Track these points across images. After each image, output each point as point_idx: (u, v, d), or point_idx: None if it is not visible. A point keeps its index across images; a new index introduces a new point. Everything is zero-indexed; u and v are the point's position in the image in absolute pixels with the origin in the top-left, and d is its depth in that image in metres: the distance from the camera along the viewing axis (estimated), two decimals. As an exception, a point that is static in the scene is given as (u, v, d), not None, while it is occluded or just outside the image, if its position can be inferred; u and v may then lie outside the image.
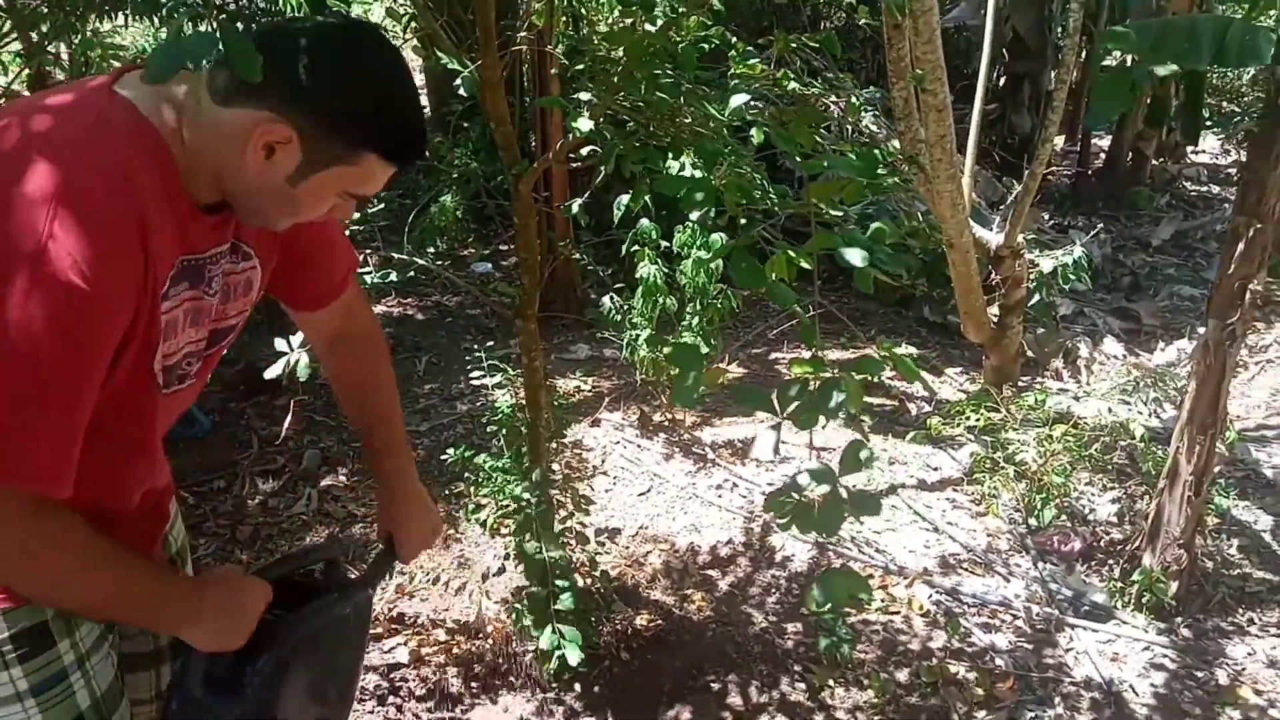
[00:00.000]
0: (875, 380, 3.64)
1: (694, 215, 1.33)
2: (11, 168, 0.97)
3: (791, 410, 1.15)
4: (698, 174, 1.63)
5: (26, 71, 4.10)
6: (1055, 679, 2.33)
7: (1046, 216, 6.14)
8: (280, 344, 2.38)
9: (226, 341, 1.28)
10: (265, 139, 1.04)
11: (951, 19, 6.16)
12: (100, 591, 1.13)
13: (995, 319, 3.71)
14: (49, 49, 3.99)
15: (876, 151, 1.31)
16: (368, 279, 2.89)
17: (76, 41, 3.88)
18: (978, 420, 3.27)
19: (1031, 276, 3.92)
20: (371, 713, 2.23)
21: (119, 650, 1.29)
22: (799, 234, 1.63)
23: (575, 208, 2.25)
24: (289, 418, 2.96)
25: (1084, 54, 6.46)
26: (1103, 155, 7.22)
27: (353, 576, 1.43)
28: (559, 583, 2.19)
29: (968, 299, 3.51)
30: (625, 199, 3.06)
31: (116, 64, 3.86)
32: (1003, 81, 6.89)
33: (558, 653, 2.16)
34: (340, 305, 1.42)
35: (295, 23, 1.11)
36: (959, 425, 3.31)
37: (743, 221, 1.31)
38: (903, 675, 2.31)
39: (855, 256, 1.17)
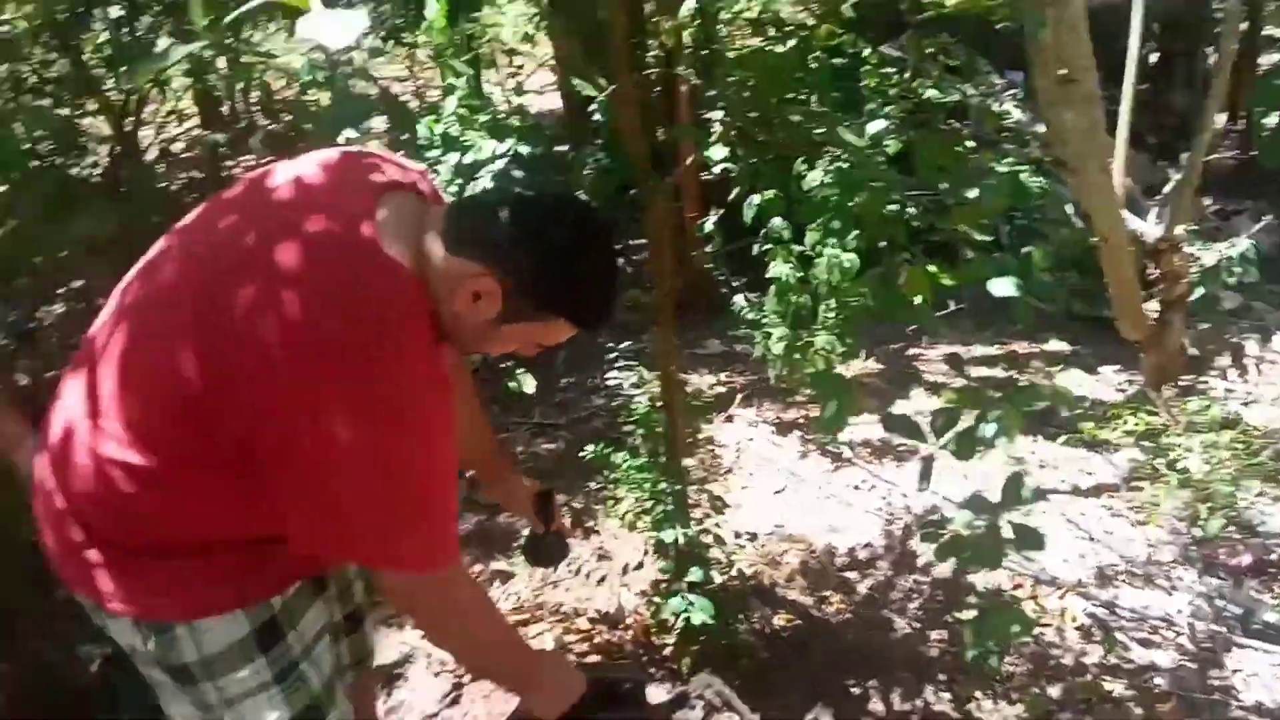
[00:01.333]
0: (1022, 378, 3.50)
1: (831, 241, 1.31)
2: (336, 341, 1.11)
3: (946, 440, 1.12)
4: (833, 190, 1.61)
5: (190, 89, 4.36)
6: (1222, 702, 2.20)
7: (1208, 203, 5.74)
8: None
9: None
10: (474, 288, 1.18)
11: (1098, -2, 5.82)
12: (499, 637, 1.42)
13: (1154, 315, 3.50)
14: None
15: (1022, 173, 1.26)
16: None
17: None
18: (1137, 424, 3.10)
19: (1193, 270, 3.68)
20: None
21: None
22: (936, 243, 1.58)
23: (710, 225, 2.25)
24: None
25: (1247, 24, 5.99)
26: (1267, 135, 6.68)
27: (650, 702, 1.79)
28: (695, 568, 2.22)
29: (1123, 295, 3.31)
30: (757, 199, 3.05)
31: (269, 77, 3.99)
32: (1155, 60, 6.47)
33: (683, 615, 2.19)
34: None
35: (525, 194, 1.27)
36: (1115, 429, 3.15)
37: (882, 244, 1.29)
38: (1055, 691, 2.23)
39: (1007, 287, 1.13)
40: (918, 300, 1.30)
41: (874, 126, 1.40)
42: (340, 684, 1.46)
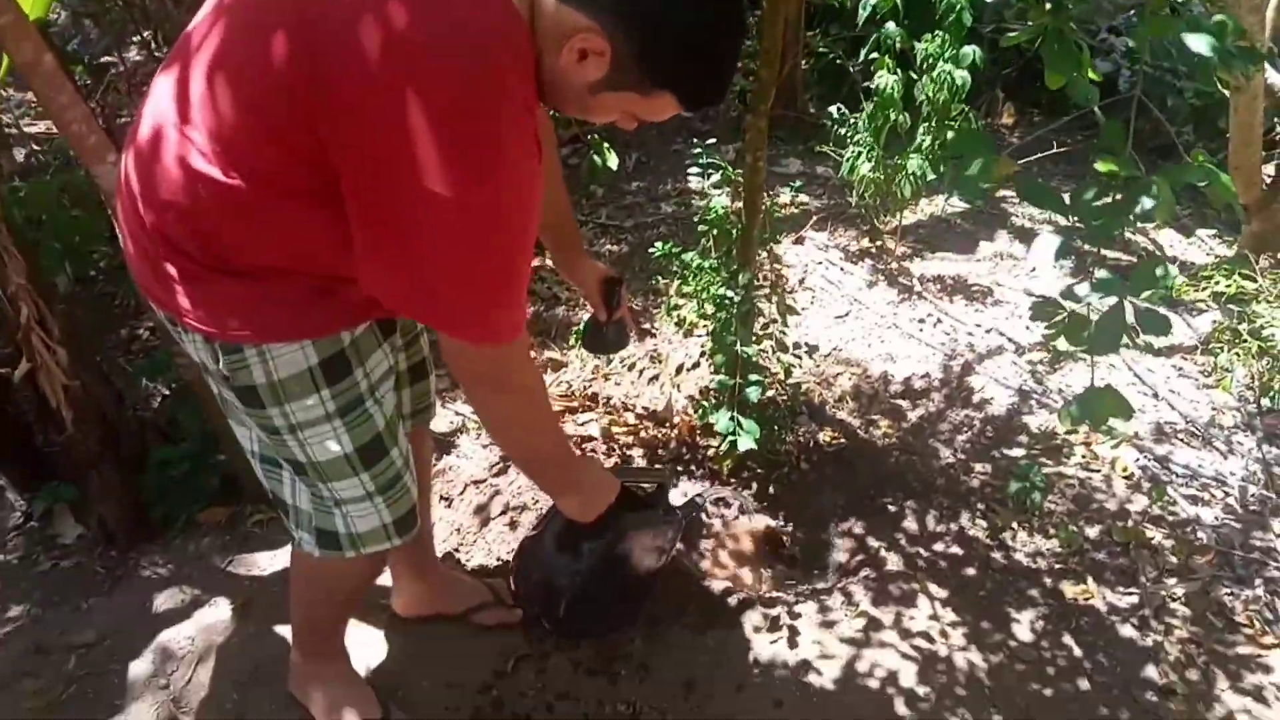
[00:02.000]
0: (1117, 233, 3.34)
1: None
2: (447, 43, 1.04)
3: (1093, 214, 1.05)
4: None
5: None
6: (1261, 561, 2.19)
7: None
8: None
9: None
10: (582, 45, 1.10)
11: None
12: (550, 434, 1.45)
13: (1268, 179, 3.28)
14: None
15: None
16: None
17: None
18: (1227, 287, 2.96)
19: (1323, 135, 3.41)
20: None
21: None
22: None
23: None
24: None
25: None
26: None
27: (673, 504, 1.88)
28: (751, 376, 2.22)
29: (1243, 151, 3.10)
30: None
31: None
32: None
33: (730, 437, 2.21)
34: None
35: None
36: (1204, 290, 3.01)
37: (1049, 6, 1.17)
38: (1093, 531, 2.24)
39: (1201, 44, 1.01)
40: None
41: None
42: (402, 426, 1.49)
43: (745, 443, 2.19)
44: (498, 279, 1.16)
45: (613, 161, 3.53)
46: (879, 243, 3.44)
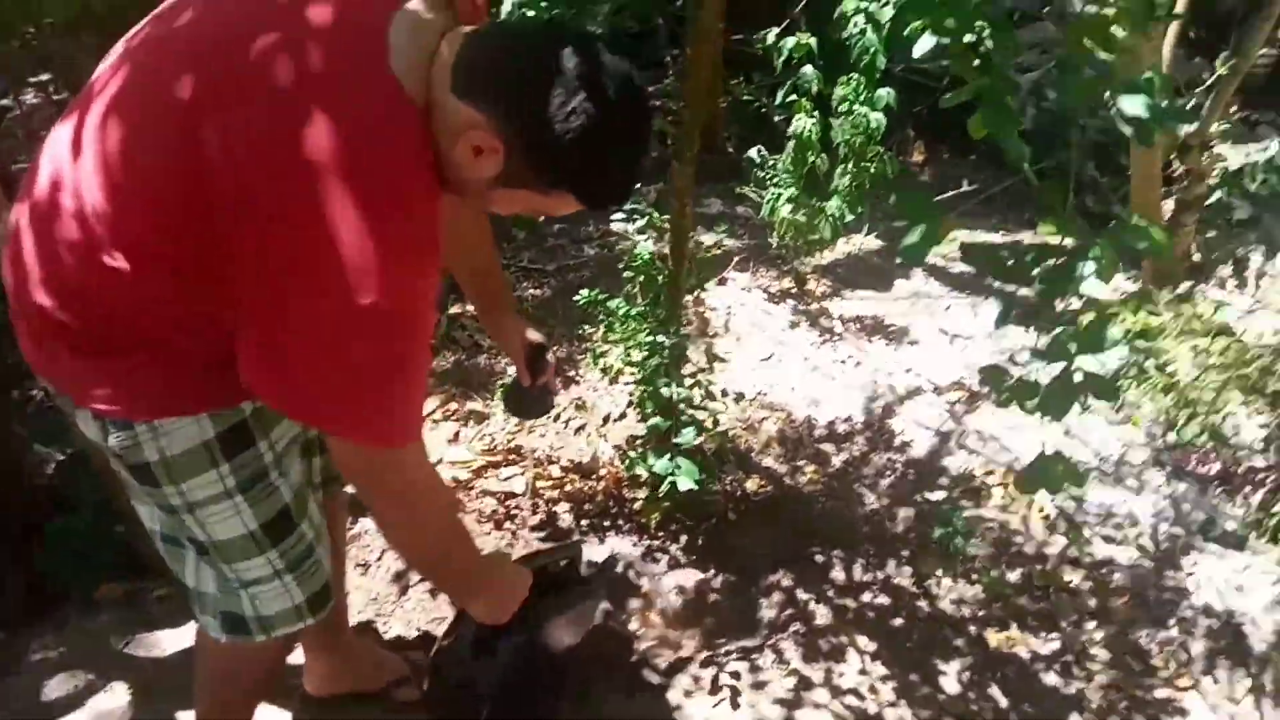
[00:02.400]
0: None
1: (922, 49, 1.20)
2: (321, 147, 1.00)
3: (1041, 278, 1.04)
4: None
5: None
6: (1173, 601, 2.25)
7: (1234, 109, 5.55)
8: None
9: None
10: (476, 142, 1.05)
11: None
12: (446, 540, 1.34)
13: (1168, 215, 3.42)
14: None
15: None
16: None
17: None
18: (1133, 324, 3.06)
19: (1215, 172, 3.57)
20: (488, 534, 2.32)
21: None
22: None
23: (771, 38, 2.11)
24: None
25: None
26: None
27: (585, 575, 1.81)
28: (682, 419, 2.20)
29: (1144, 190, 3.23)
30: (790, 42, 2.88)
31: None
32: (1214, -54, 6.11)
33: (669, 478, 2.18)
34: None
35: (549, 33, 1.10)
36: (1112, 326, 3.10)
37: (976, 63, 1.18)
38: (1014, 576, 2.27)
39: (1136, 106, 1.02)
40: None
41: None
42: (313, 497, 1.42)
43: (685, 482, 2.16)
44: (394, 382, 1.11)
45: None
46: (800, 282, 3.47)
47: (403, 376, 1.11)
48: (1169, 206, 3.45)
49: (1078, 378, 1.07)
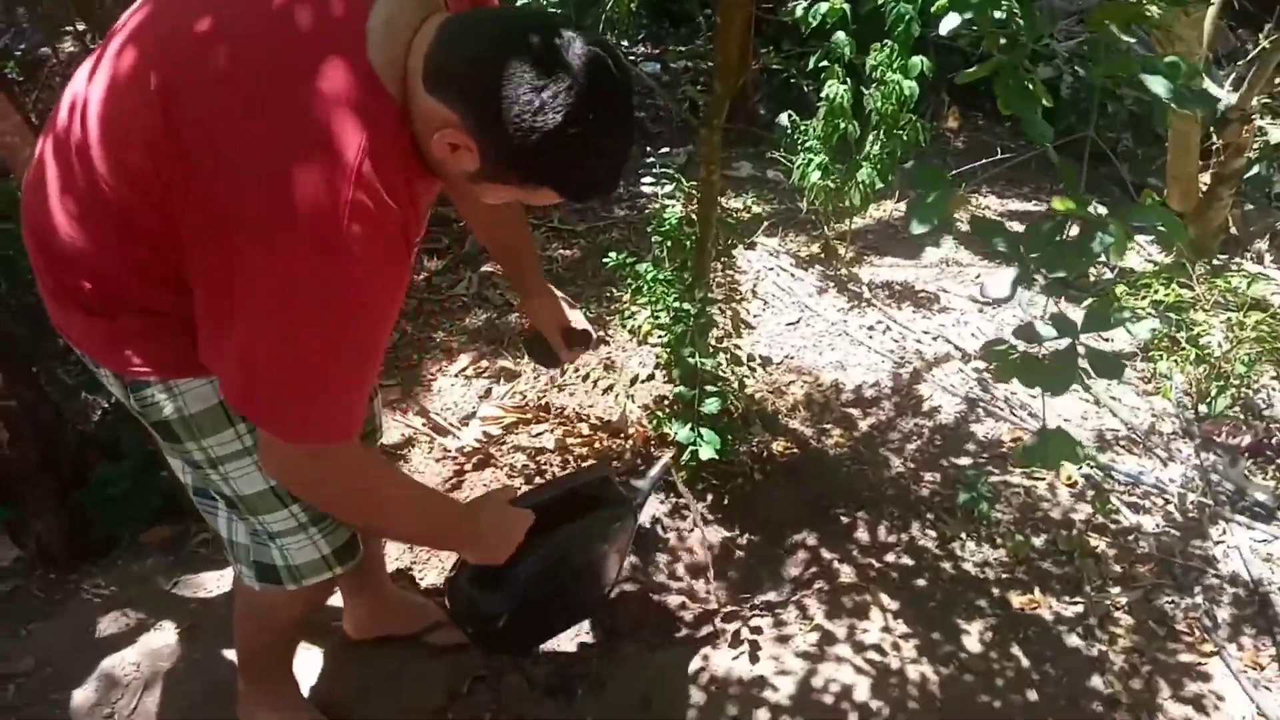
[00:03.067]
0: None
1: (948, 26, 1.21)
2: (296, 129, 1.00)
3: (1047, 253, 1.06)
4: None
5: None
6: (1199, 569, 2.26)
7: (1277, 81, 5.44)
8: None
9: None
10: (450, 140, 1.02)
11: None
12: (410, 516, 1.33)
13: (1204, 187, 3.38)
14: None
15: None
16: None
17: None
18: (1166, 295, 3.04)
19: (1255, 146, 3.52)
20: (519, 488, 2.36)
21: None
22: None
23: (799, 11, 2.10)
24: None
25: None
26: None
27: (623, 492, 1.81)
28: (708, 388, 2.23)
29: (1181, 161, 3.19)
30: (823, 7, 2.86)
31: None
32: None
33: (691, 448, 2.22)
34: None
35: (509, 23, 1.02)
36: (1144, 297, 3.09)
37: (1002, 42, 1.19)
38: (1039, 541, 2.29)
39: (1159, 86, 1.03)
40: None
41: None
42: None
43: (706, 452, 2.20)
44: (326, 386, 1.07)
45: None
46: (829, 248, 3.47)
47: (345, 375, 1.08)
48: (1206, 179, 3.41)
49: (1082, 354, 1.09)
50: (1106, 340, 3.06)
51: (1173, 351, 2.90)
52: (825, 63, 2.99)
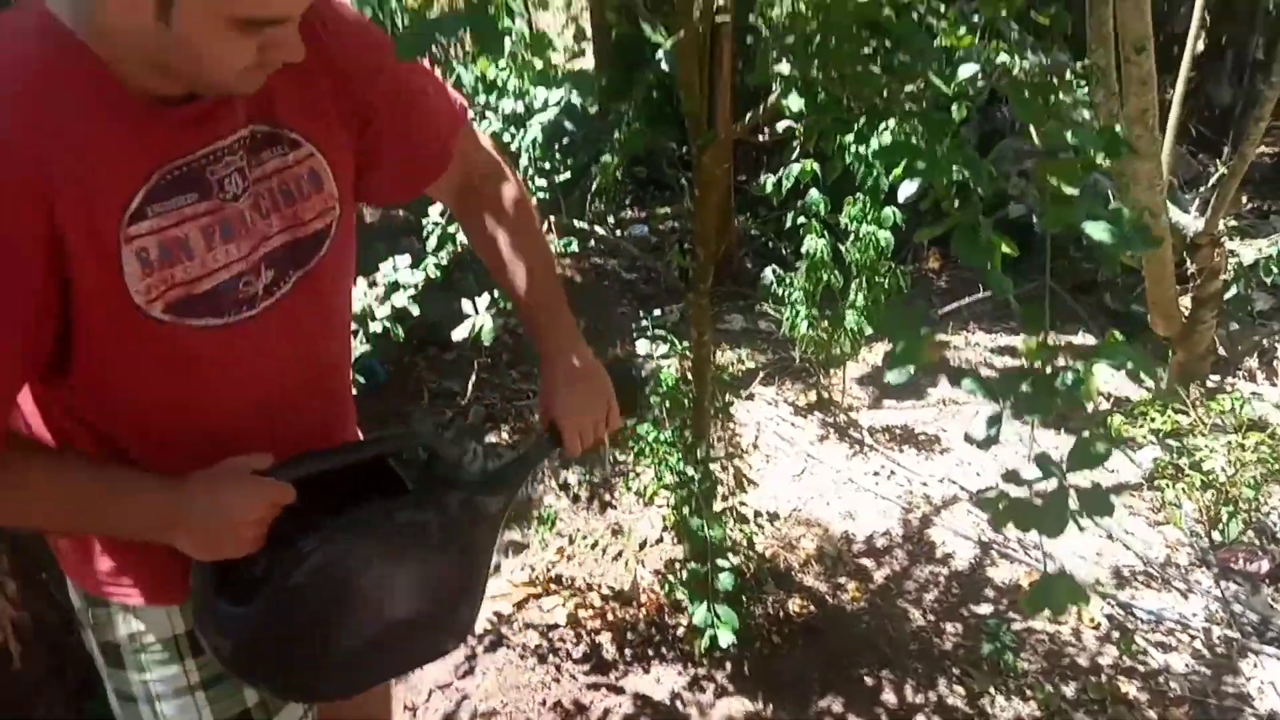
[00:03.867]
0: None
1: (906, 193, 1.28)
2: None
3: (1020, 397, 1.09)
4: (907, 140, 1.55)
5: None
6: (1236, 708, 2.19)
7: (1245, 200, 5.65)
8: (466, 306, 2.46)
9: (327, 251, 1.08)
10: None
11: (1151, -22, 5.68)
12: (60, 511, 1.01)
13: (1186, 311, 3.45)
14: None
15: (1117, 127, 1.21)
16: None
17: None
18: (1163, 422, 3.07)
19: (1230, 267, 3.62)
20: (532, 669, 2.31)
21: None
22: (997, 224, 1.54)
23: (770, 186, 2.22)
24: (471, 380, 3.04)
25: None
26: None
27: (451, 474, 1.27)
28: (719, 561, 2.21)
29: (1159, 288, 3.27)
30: (795, 169, 3.00)
31: None
32: (1201, 48, 6.33)
33: (710, 632, 2.18)
34: (455, 168, 1.21)
35: None
36: (1141, 425, 3.11)
37: (956, 204, 1.25)
38: (1069, 690, 2.22)
39: (1101, 233, 1.08)
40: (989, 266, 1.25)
41: (966, 70, 1.34)
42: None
43: (725, 636, 2.14)
44: None
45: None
46: (826, 395, 3.51)
47: None
48: (1187, 302, 3.49)
49: (1071, 493, 1.10)
50: (1111, 471, 3.06)
51: (1178, 479, 2.89)
52: (803, 219, 3.12)
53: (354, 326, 2.44)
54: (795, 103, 1.62)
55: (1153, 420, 3.10)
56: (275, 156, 1.02)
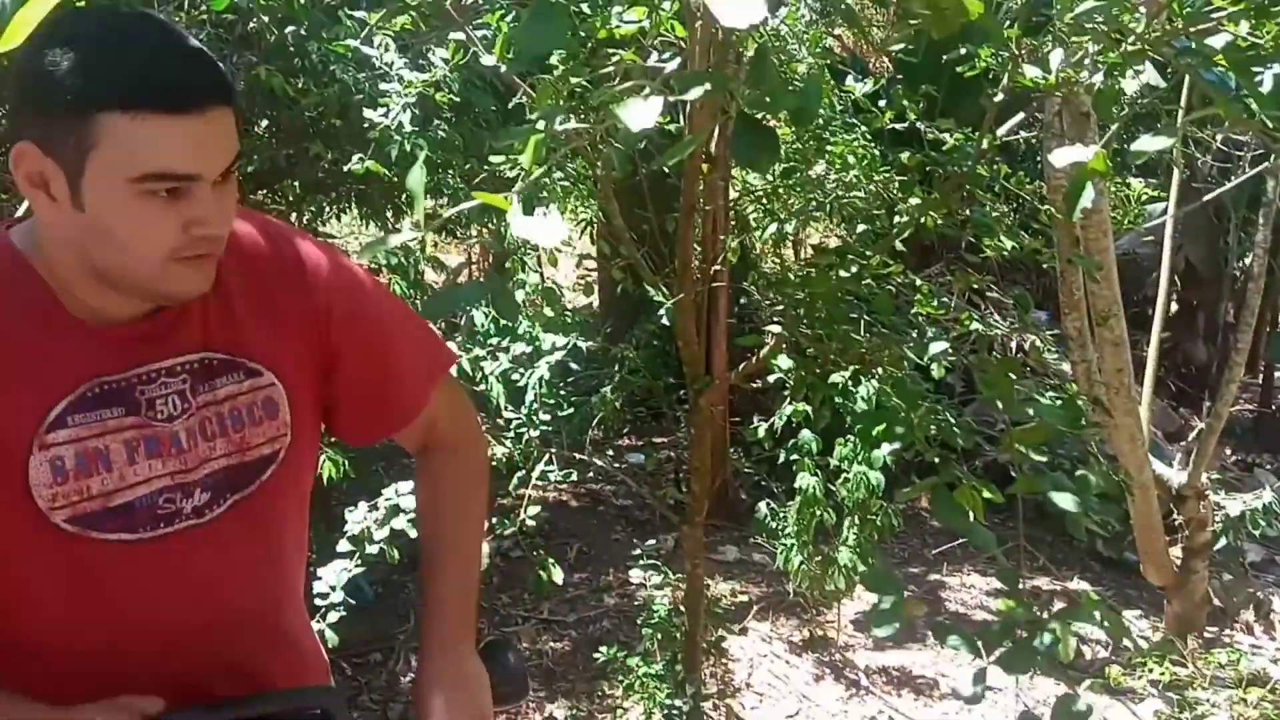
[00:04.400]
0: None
1: (886, 450, 1.38)
2: None
3: (1003, 655, 1.13)
4: (886, 401, 1.68)
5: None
6: None
7: (1229, 453, 5.79)
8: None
9: (269, 477, 1.06)
10: (22, 169, 0.87)
11: (1119, 247, 6.15)
12: None
13: (1178, 561, 3.47)
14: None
15: (1080, 401, 1.33)
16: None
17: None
18: (1162, 673, 3.01)
19: (1217, 519, 3.68)
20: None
21: None
22: (981, 468, 1.63)
23: (762, 432, 2.33)
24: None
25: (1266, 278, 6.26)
26: (1289, 389, 6.81)
27: None
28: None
29: (1148, 538, 3.32)
30: (787, 411, 3.14)
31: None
32: (1174, 310, 6.73)
33: None
34: (420, 421, 1.19)
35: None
36: (1140, 677, 3.05)
37: (936, 460, 1.34)
38: None
39: (1067, 502, 1.17)
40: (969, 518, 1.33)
41: (935, 347, 1.48)
42: None
43: None
44: None
45: (558, 576, 3.59)
46: (821, 633, 3.46)
47: None
48: (1179, 552, 3.51)
49: None
50: (1113, 725, 2.97)
51: (1183, 734, 2.81)
52: (795, 457, 3.22)
53: (350, 548, 2.47)
54: (785, 362, 1.78)
55: (1150, 671, 3.04)
56: (230, 383, 1.02)
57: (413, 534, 2.60)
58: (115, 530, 0.96)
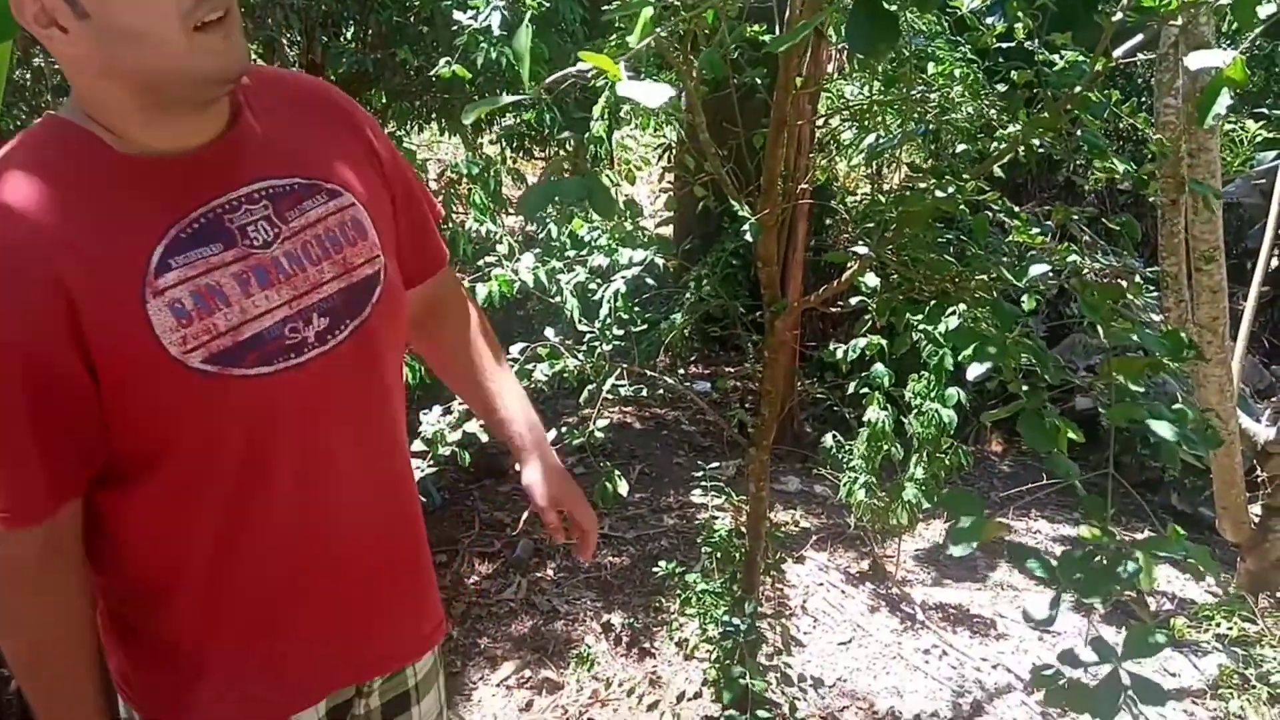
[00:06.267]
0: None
1: (974, 373, 1.35)
2: None
3: (1080, 580, 1.11)
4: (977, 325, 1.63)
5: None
6: None
7: (1319, 412, 5.55)
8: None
9: (379, 299, 1.07)
10: (28, 13, 0.87)
11: (1226, 194, 5.84)
12: (23, 666, 1.04)
13: (1256, 519, 3.37)
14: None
15: (1181, 333, 1.28)
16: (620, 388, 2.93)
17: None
18: (1229, 628, 2.95)
19: (1302, 478, 3.54)
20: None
21: None
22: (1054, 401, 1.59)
23: (840, 354, 2.31)
24: (524, 515, 3.10)
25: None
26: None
27: None
28: (760, 713, 2.16)
29: (1228, 494, 3.22)
30: (862, 343, 3.09)
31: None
32: (1276, 263, 6.40)
33: None
34: (439, 277, 1.27)
35: None
36: (1206, 630, 3.00)
37: (1025, 388, 1.31)
38: None
39: (1164, 430, 1.13)
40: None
41: (1036, 269, 1.44)
42: None
43: None
44: None
45: (623, 488, 3.64)
46: (879, 566, 3.46)
47: None
48: (1258, 510, 3.41)
49: (1125, 680, 1.10)
50: (1173, 675, 2.93)
51: (1244, 690, 2.76)
52: (866, 389, 3.18)
53: (424, 448, 2.51)
54: (871, 279, 1.73)
55: (1218, 625, 2.99)
56: (317, 205, 1.03)
57: (484, 438, 2.65)
58: (253, 364, 0.95)
